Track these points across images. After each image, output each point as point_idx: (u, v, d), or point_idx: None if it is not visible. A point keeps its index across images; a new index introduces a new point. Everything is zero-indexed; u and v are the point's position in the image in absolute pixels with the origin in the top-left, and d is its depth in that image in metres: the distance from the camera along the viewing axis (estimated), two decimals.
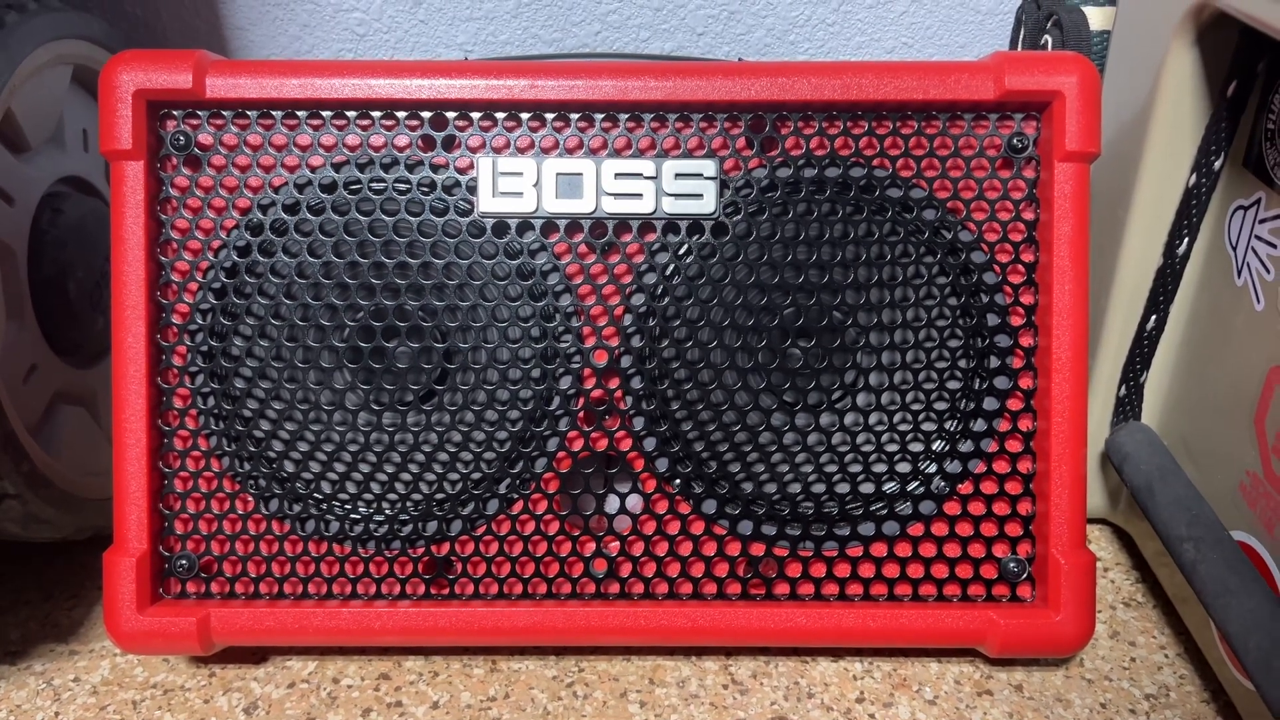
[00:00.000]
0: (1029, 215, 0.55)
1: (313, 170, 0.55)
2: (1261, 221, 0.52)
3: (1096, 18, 0.67)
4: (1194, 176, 0.55)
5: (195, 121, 0.55)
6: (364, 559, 0.56)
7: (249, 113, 0.55)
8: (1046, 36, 0.69)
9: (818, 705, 0.59)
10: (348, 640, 0.57)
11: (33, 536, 0.61)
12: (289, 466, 0.56)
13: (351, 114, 0.55)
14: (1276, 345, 0.51)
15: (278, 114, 0.55)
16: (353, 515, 0.56)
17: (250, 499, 0.56)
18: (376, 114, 0.55)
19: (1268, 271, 0.52)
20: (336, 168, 0.55)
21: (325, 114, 0.55)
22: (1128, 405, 0.62)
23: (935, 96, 0.54)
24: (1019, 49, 0.72)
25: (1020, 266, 0.55)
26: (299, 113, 0.55)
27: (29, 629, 0.65)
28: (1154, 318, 0.59)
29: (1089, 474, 0.62)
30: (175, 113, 0.55)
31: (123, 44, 0.68)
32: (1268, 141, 0.52)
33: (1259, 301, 0.52)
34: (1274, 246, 0.51)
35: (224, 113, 0.55)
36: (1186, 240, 0.56)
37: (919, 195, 0.55)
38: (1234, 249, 0.54)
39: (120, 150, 0.54)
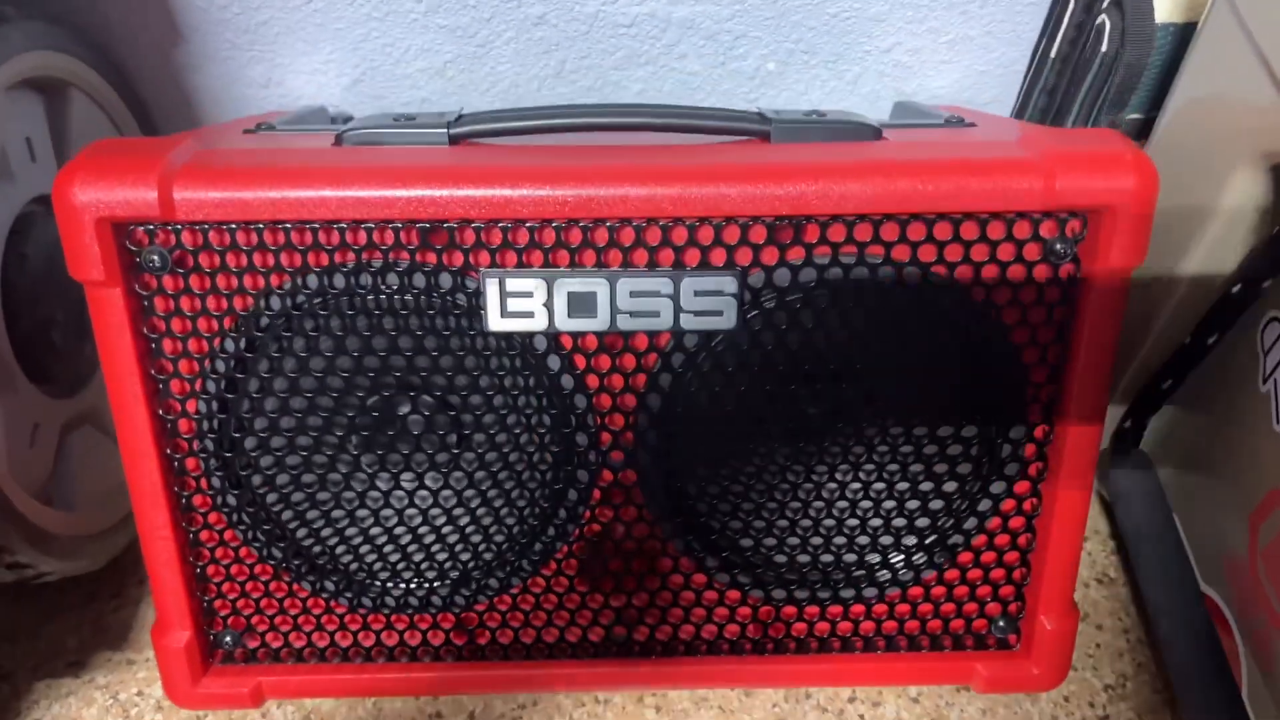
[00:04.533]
0: (1060, 315, 0.53)
1: (303, 281, 0.51)
2: None
3: (1164, 7, 0.59)
4: (1238, 287, 0.52)
5: (168, 236, 0.50)
6: (398, 630, 0.59)
7: (227, 226, 0.50)
8: (1103, 15, 0.61)
9: (814, 706, 0.66)
10: (390, 695, 0.62)
11: (66, 574, 0.64)
12: (318, 550, 0.58)
13: (341, 225, 0.50)
14: None
15: (259, 225, 0.50)
16: (384, 588, 0.59)
17: (285, 583, 0.58)
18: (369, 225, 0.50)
19: None
20: (329, 276, 0.51)
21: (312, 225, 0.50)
22: (1130, 436, 0.63)
23: (978, 207, 0.50)
24: (1065, 25, 0.63)
25: (1045, 365, 0.54)
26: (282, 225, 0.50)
27: (84, 635, 0.69)
28: (1170, 381, 0.58)
29: None
30: (145, 228, 0.50)
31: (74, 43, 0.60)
32: None
33: (1277, 423, 0.52)
34: None
35: (199, 226, 0.50)
36: (1217, 336, 0.54)
37: (951, 298, 0.52)
38: (1264, 354, 0.53)
39: (93, 280, 0.50)
